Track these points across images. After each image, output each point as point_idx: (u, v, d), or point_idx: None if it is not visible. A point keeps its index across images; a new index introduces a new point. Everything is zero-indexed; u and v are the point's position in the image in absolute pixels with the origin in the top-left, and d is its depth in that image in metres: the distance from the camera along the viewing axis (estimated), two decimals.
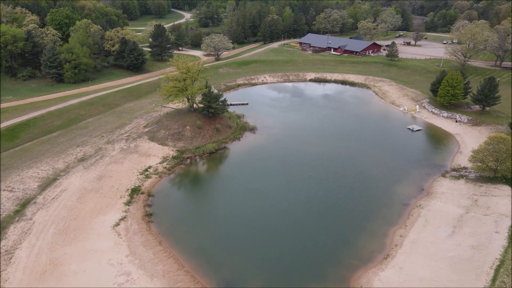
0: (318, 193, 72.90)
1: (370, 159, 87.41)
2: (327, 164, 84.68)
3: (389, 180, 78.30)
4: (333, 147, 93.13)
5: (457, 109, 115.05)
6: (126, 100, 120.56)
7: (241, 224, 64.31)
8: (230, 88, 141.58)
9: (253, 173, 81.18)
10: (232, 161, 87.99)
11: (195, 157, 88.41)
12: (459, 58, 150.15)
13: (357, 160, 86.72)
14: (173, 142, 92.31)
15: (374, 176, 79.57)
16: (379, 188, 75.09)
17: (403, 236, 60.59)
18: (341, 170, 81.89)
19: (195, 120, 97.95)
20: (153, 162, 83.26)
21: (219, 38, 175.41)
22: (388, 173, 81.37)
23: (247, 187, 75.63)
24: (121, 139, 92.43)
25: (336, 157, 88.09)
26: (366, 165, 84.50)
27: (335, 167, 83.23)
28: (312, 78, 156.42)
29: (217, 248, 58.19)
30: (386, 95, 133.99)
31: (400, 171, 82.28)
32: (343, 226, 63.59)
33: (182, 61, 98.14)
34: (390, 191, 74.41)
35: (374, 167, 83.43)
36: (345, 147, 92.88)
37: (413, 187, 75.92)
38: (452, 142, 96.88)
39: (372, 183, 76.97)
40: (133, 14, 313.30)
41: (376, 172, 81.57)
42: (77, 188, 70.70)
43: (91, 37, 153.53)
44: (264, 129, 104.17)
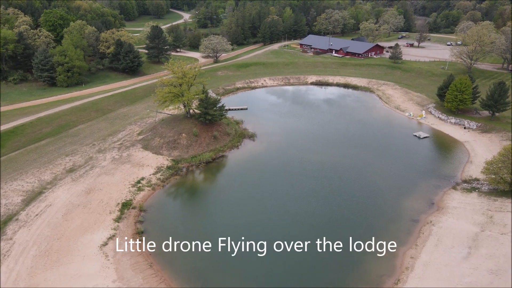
0: (321, 208, 68.24)
1: (375, 169, 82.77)
2: (330, 175, 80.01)
3: (396, 193, 73.67)
4: (336, 155, 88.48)
5: (465, 114, 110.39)
6: (120, 105, 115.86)
7: (241, 242, 59.55)
8: (228, 92, 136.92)
9: (252, 185, 76.51)
10: (229, 172, 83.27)
11: (191, 167, 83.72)
12: (465, 61, 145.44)
13: (362, 170, 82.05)
14: (168, 151, 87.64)
15: (380, 188, 74.94)
16: (386, 202, 70.44)
17: (414, 257, 55.92)
18: (345, 182, 77.22)
19: (191, 127, 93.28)
20: (146, 173, 78.57)
21: (218, 39, 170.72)
22: (395, 184, 76.74)
23: (245, 201, 70.95)
24: (113, 148, 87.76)
25: (339, 167, 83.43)
26: (371, 175, 79.84)
27: (338, 178, 78.58)
28: (313, 81, 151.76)
29: (214, 271, 53.60)
30: (390, 99, 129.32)
31: (407, 183, 77.65)
32: (348, 245, 58.89)
33: (178, 65, 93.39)
34: (398, 205, 69.75)
35: (380, 178, 78.78)
36: (349, 156, 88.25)
37: (422, 201, 71.27)
38: (461, 151, 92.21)
39: (378, 196, 72.33)
40: (131, 15, 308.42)
41: (382, 183, 76.93)
42: (64, 203, 66.00)
43: (86, 38, 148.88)
44: (263, 136, 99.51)
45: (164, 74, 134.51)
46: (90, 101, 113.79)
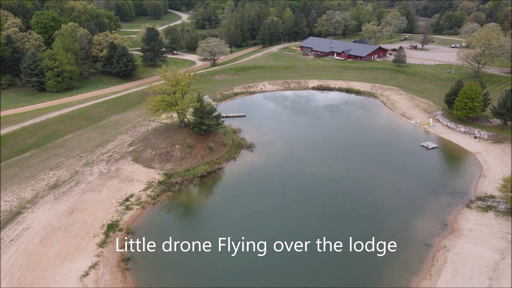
0: (324, 230, 62.46)
1: (381, 184, 77.13)
2: (333, 191, 74.34)
3: (405, 212, 68.01)
4: (339, 168, 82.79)
5: (475, 123, 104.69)
6: (112, 112, 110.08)
7: (238, 270, 54.00)
8: (226, 98, 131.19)
9: (250, 203, 70.73)
10: (225, 188, 77.46)
11: (184, 181, 77.93)
12: (472, 65, 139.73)
13: (368, 186, 76.37)
14: (160, 164, 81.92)
15: (387, 207, 69.27)
16: (395, 223, 64.76)
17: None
18: (349, 199, 71.50)
19: (185, 138, 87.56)
20: (136, 189, 72.86)
21: (216, 42, 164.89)
22: (403, 202, 71.07)
23: (242, 221, 65.28)
24: (101, 160, 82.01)
25: (342, 181, 77.74)
26: (377, 192, 74.16)
27: (342, 196, 72.88)
28: (314, 86, 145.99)
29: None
30: (395, 105, 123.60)
31: (417, 199, 72.00)
32: (354, 275, 53.27)
33: (171, 71, 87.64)
34: (408, 226, 64.09)
35: (387, 195, 73.10)
36: (353, 169, 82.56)
37: (434, 221, 65.62)
38: (473, 163, 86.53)
39: (386, 216, 66.65)
40: (128, 16, 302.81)
41: (389, 200, 71.27)
42: (43, 226, 60.29)
43: (78, 41, 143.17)
44: (262, 146, 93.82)
45: (153, 79, 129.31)
46: (80, 108, 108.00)
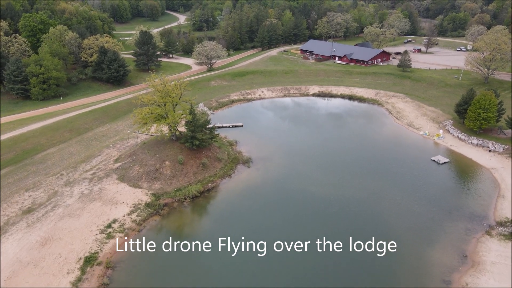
0: (328, 266, 55.43)
1: (391, 205, 70.16)
2: (338, 215, 67.38)
3: (419, 240, 61.00)
4: (344, 187, 75.74)
5: (488, 134, 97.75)
6: (100, 122, 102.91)
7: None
8: (222, 105, 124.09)
9: (246, 229, 63.51)
10: (219, 210, 70.31)
11: (174, 203, 70.84)
12: (481, 70, 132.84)
13: (376, 208, 69.34)
14: (148, 183, 74.83)
15: (398, 233, 62.17)
16: (408, 255, 57.69)
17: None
18: (356, 226, 64.31)
19: (176, 153, 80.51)
20: (120, 213, 65.75)
21: (212, 45, 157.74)
22: (416, 228, 64.04)
23: (238, 250, 58.08)
24: (84, 179, 74.90)
25: (347, 202, 70.77)
26: (387, 216, 67.16)
27: (348, 221, 65.87)
28: (315, 92, 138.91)
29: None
30: (402, 114, 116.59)
31: (431, 224, 65.06)
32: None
33: (161, 81, 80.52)
34: (423, 258, 57.08)
35: (398, 220, 66.10)
36: (358, 187, 75.53)
37: (452, 252, 58.64)
38: (489, 181, 79.56)
39: (398, 245, 59.38)
40: (124, 17, 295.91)
41: (399, 225, 64.37)
42: (10, 261, 53.13)
43: (67, 46, 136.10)
44: (260, 161, 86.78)
45: (141, 87, 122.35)
46: (65, 118, 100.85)
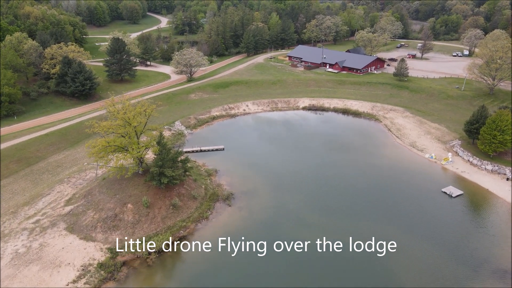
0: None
1: (398, 256, 57.41)
2: (337, 273, 54.27)
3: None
4: (342, 234, 62.15)
5: (503, 158, 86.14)
6: (56, 149, 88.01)
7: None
8: (202, 123, 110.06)
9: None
10: (192, 271, 56.46)
11: (135, 261, 56.86)
12: (486, 81, 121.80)
13: (379, 260, 56.44)
14: (104, 234, 60.62)
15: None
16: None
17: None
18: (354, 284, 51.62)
19: (141, 192, 66.43)
20: (63, 280, 51.51)
21: (191, 54, 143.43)
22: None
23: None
24: (23, 230, 60.32)
25: (347, 260, 57.54)
26: (392, 270, 54.43)
27: (349, 280, 52.83)
28: (306, 105, 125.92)
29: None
30: (402, 132, 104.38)
31: (451, 283, 52.53)
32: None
33: (120, 105, 66.42)
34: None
35: (406, 276, 53.32)
36: (359, 232, 62.37)
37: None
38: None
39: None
40: (102, 20, 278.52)
41: (411, 284, 51.73)
42: None
43: (25, 55, 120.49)
44: (243, 197, 73.35)
45: (98, 106, 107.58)
46: (14, 145, 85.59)
